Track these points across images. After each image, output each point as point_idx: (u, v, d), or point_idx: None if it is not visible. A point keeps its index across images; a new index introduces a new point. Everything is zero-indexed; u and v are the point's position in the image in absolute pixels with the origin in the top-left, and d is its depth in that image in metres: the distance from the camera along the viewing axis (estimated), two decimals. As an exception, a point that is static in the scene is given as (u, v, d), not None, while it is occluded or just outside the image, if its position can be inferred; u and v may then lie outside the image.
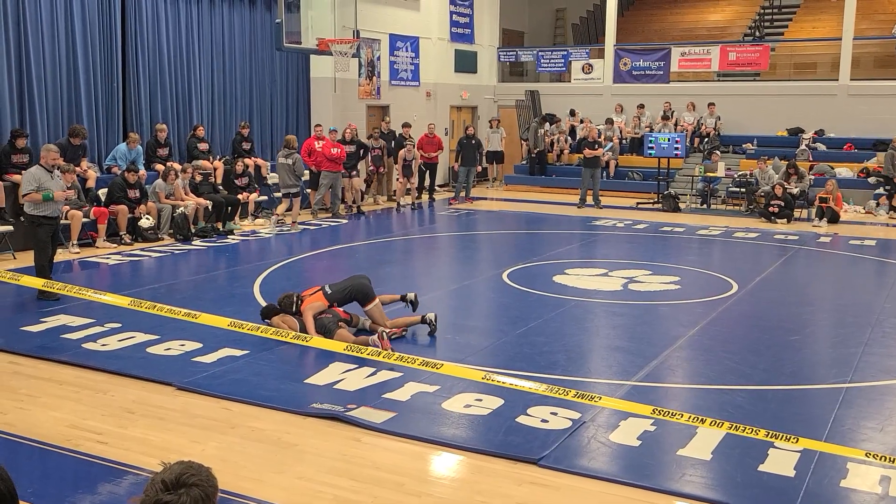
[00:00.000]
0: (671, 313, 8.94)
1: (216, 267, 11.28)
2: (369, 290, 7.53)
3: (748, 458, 5.00)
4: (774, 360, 7.15)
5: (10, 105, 12.24)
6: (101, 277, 10.33)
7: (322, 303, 7.37)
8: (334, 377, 6.37)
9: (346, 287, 7.53)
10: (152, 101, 14.51)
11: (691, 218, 16.42)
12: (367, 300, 7.50)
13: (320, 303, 7.36)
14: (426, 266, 11.95)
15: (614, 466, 4.98)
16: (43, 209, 8.71)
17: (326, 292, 7.46)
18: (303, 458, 5.04)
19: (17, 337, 7.40)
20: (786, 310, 9.12)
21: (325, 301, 7.39)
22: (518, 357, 7.10)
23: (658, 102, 20.77)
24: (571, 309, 8.87)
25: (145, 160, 13.69)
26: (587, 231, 14.76)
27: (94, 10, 13.31)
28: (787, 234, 14.39)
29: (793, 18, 24.15)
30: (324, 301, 7.39)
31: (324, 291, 7.47)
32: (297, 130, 17.50)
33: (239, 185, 14.52)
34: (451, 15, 21.39)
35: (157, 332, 7.40)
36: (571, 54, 22.58)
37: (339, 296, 7.47)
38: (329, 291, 7.47)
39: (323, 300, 7.39)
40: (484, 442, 5.25)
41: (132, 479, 4.65)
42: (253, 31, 16.37)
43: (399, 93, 19.80)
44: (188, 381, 6.28)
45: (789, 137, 19.76)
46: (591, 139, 18.16)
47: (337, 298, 7.45)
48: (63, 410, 5.72)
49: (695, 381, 6.73)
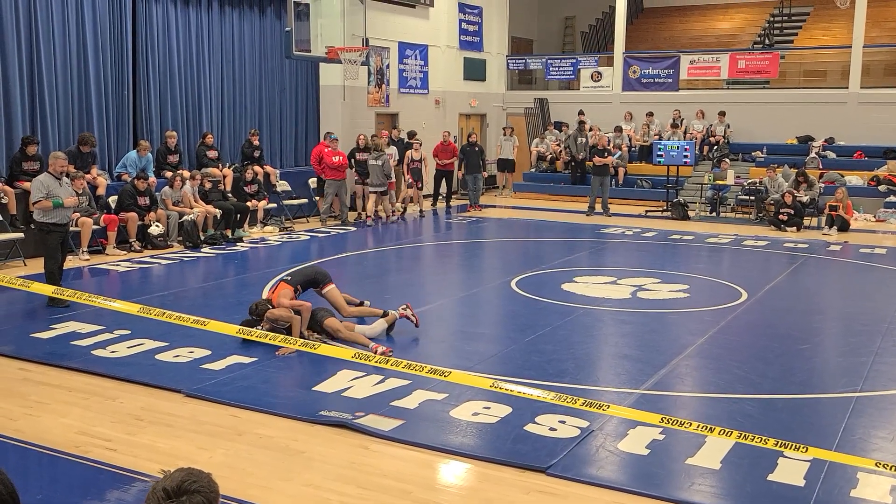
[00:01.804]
0: (680, 321, 8.91)
1: (225, 274, 11.31)
2: (326, 275, 8.00)
3: (758, 468, 4.97)
4: (784, 369, 7.12)
5: (22, 112, 12.32)
6: (111, 284, 10.37)
7: (288, 289, 7.70)
8: (342, 385, 6.37)
9: (306, 271, 8.09)
10: (162, 109, 14.58)
11: (700, 226, 16.38)
12: (324, 284, 7.90)
13: (287, 290, 7.69)
14: (434, 274, 11.95)
15: (623, 475, 4.96)
16: (53, 216, 8.76)
17: (287, 279, 7.87)
18: (310, 465, 5.03)
19: (27, 343, 7.43)
20: (795, 318, 9.08)
21: (290, 286, 7.73)
22: (526, 365, 7.08)
23: (667, 110, 20.75)
24: (580, 317, 8.85)
25: (155, 167, 13.75)
26: (596, 239, 14.74)
27: (104, 18, 13.39)
28: (797, 243, 14.33)
29: (802, 26, 24.12)
30: (289, 287, 7.72)
31: (284, 280, 7.88)
32: (305, 138, 17.57)
33: (248, 192, 14.57)
34: (460, 23, 21.44)
35: (166, 339, 7.42)
36: (580, 62, 22.59)
37: (300, 277, 7.91)
38: (289, 278, 7.92)
39: (288, 287, 7.73)
40: (492, 450, 5.24)
41: (140, 485, 4.66)
42: (263, 39, 16.44)
43: (408, 100, 19.84)
44: (197, 388, 6.29)
45: (799, 145, 19.70)
46: (601, 147, 18.16)
47: (299, 280, 7.85)
48: (72, 417, 5.74)
49: (704, 390, 6.71)
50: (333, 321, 7.69)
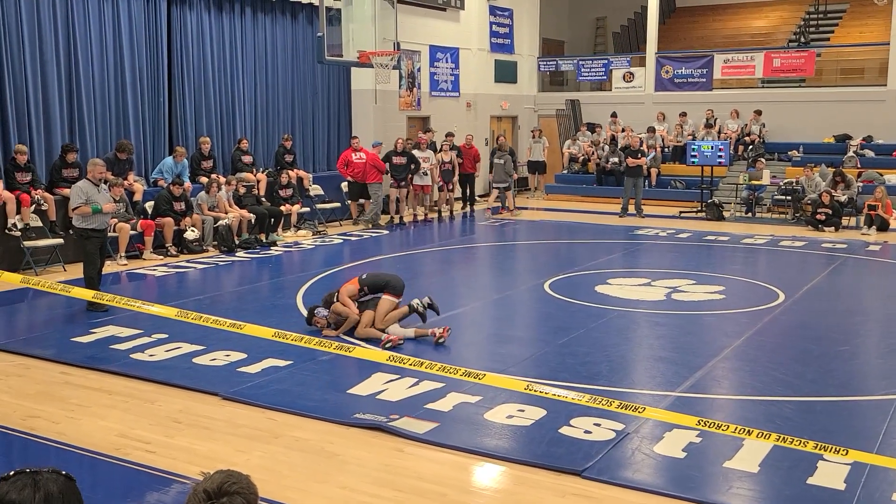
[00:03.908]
0: (716, 323, 8.82)
1: (259, 278, 11.41)
2: (397, 287, 8.06)
3: (797, 471, 4.91)
4: (823, 371, 7.02)
5: (61, 120, 12.54)
6: (148, 289, 10.52)
7: (354, 287, 8.02)
8: (377, 387, 6.40)
9: (383, 278, 8.26)
10: (197, 116, 14.75)
11: (736, 227, 16.20)
12: (386, 292, 8.00)
13: (353, 287, 8.03)
14: (467, 276, 11.95)
15: (659, 478, 4.92)
16: (91, 222, 8.90)
17: (361, 278, 8.17)
18: (346, 468, 5.06)
19: (67, 347, 7.56)
20: (834, 319, 8.94)
21: (358, 285, 8.05)
22: (561, 367, 7.06)
23: (700, 110, 20.56)
24: (614, 319, 8.80)
25: (190, 173, 13.92)
26: (629, 240, 14.64)
27: (140, 28, 13.59)
28: (835, 243, 14.12)
29: (839, 23, 23.76)
30: (356, 285, 8.04)
31: (359, 278, 8.17)
32: (338, 142, 17.66)
33: (282, 196, 14.69)
34: (491, 25, 21.43)
35: (203, 343, 7.51)
36: (612, 63, 22.46)
37: (371, 280, 8.14)
38: (364, 276, 8.20)
39: (356, 285, 8.05)
40: (527, 453, 5.23)
41: (179, 487, 4.72)
42: (295, 44, 16.57)
43: (439, 103, 19.87)
44: (233, 391, 6.36)
45: (836, 144, 19.41)
46: (634, 148, 18.05)
47: (368, 283, 8.10)
48: (112, 420, 5.83)
49: (741, 393, 6.64)
50: (369, 314, 7.90)
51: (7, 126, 11.77)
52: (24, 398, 6.27)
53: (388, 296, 7.96)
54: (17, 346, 7.62)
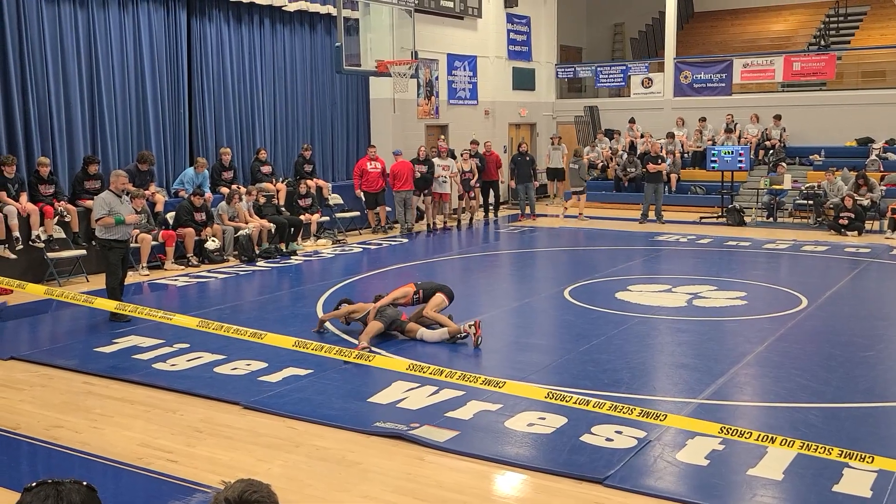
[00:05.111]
0: (738, 329, 8.75)
1: (280, 287, 11.46)
2: (451, 295, 8.40)
3: (822, 479, 4.85)
4: (847, 377, 6.94)
5: (83, 133, 12.68)
6: (170, 299, 10.59)
7: (410, 290, 8.27)
8: (397, 396, 6.40)
9: (436, 284, 8.54)
10: (217, 126, 14.86)
11: (757, 232, 16.08)
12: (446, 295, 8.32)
13: (409, 290, 8.27)
14: (487, 284, 11.93)
15: (682, 486, 4.88)
16: (113, 233, 8.98)
17: (417, 282, 8.48)
18: (367, 476, 5.06)
19: (90, 357, 7.63)
20: (858, 324, 8.85)
21: (413, 287, 8.32)
22: (581, 375, 7.03)
23: (720, 115, 20.45)
24: (635, 326, 8.75)
25: (211, 184, 14.02)
26: (650, 246, 14.57)
27: (161, 40, 13.72)
28: (859, 247, 13.98)
29: (859, 26, 23.58)
30: (412, 287, 8.31)
31: (415, 282, 8.50)
32: (357, 152, 17.72)
33: (302, 206, 14.75)
34: (509, 33, 21.45)
35: (224, 353, 7.54)
36: (630, 69, 22.42)
37: (428, 284, 8.48)
38: (420, 282, 8.54)
39: (412, 287, 8.33)
40: (548, 461, 5.20)
41: (200, 496, 4.73)
42: (313, 55, 16.66)
43: (457, 112, 19.90)
44: (254, 400, 6.38)
45: (858, 147, 19.24)
46: (653, 153, 17.98)
47: (424, 287, 8.39)
48: (134, 429, 5.87)
49: (764, 399, 6.57)
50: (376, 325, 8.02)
51: (30, 139, 11.92)
52: (47, 408, 6.32)
53: (442, 294, 8.32)
54: (41, 357, 7.69)
